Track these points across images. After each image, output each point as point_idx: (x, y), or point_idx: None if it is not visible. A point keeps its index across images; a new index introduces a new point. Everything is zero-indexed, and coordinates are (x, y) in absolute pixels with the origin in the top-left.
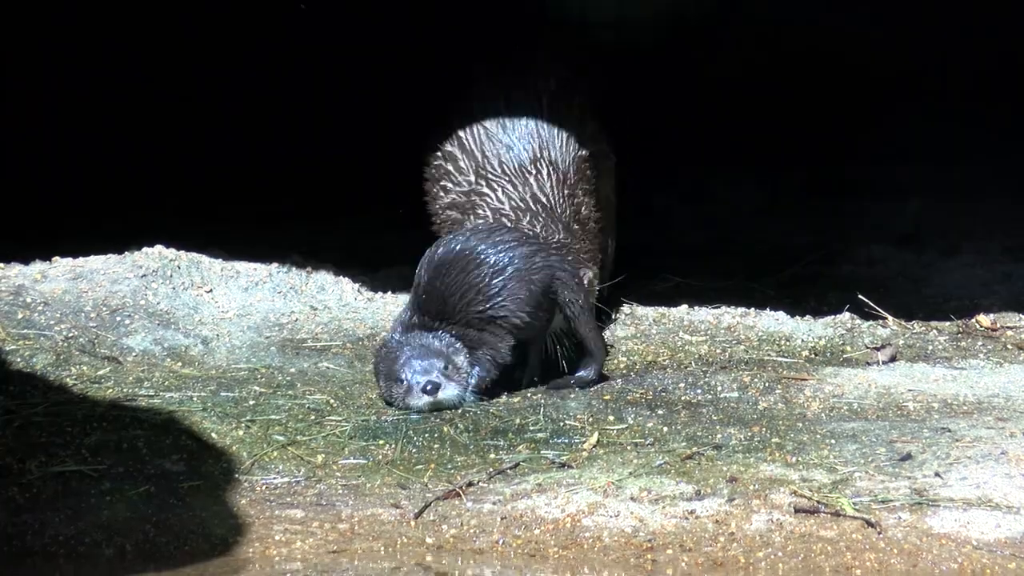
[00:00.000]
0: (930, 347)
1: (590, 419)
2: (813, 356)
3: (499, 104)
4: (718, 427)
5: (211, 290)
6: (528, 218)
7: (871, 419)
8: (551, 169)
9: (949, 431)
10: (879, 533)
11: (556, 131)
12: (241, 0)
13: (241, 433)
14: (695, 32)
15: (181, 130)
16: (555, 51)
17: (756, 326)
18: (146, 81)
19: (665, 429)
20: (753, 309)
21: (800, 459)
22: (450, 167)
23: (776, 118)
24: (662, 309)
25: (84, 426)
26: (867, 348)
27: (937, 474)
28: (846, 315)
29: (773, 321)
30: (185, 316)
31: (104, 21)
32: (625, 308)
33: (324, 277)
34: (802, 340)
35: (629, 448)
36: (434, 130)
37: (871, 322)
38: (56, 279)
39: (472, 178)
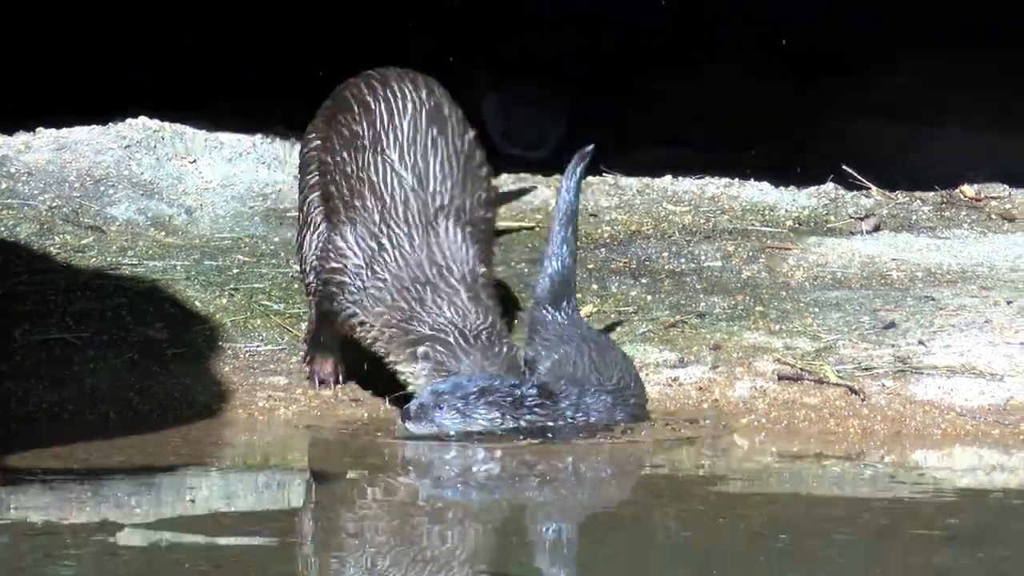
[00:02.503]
0: (914, 217)
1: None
2: (797, 226)
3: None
4: (701, 296)
5: (195, 160)
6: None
7: (855, 288)
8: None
9: (933, 300)
10: (863, 400)
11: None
12: None
13: (224, 301)
14: None
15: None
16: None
17: (740, 196)
18: None
19: (649, 298)
20: (737, 179)
21: (784, 327)
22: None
23: None
24: (646, 179)
25: (68, 294)
26: (851, 218)
27: (921, 342)
28: (830, 185)
29: (757, 191)
30: (169, 186)
31: None
32: (609, 178)
33: None
34: (786, 210)
35: (613, 316)
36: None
37: (855, 192)
38: (40, 150)
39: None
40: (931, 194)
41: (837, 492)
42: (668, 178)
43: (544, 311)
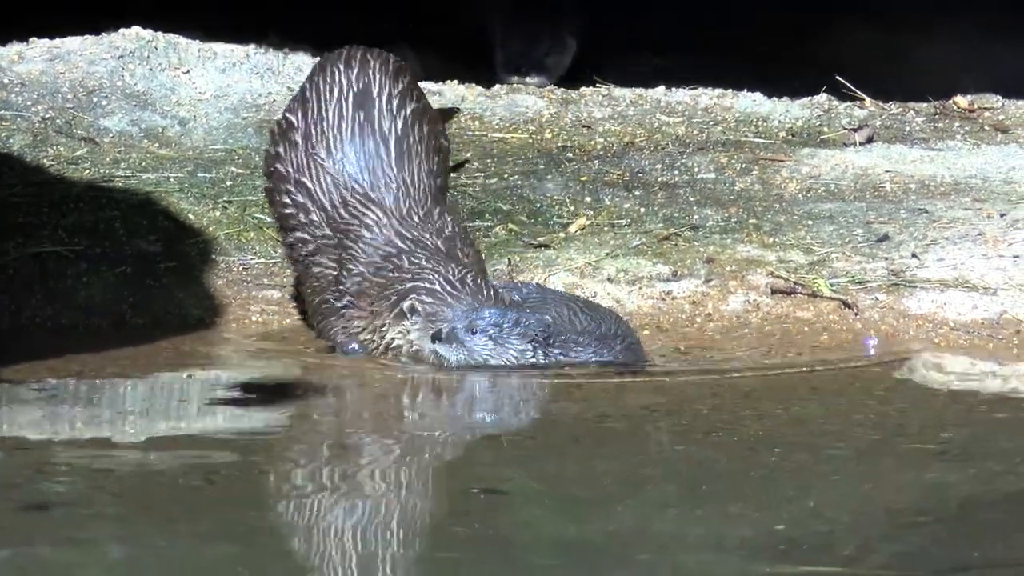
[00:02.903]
0: (907, 128)
1: (568, 200)
2: (790, 137)
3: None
4: (695, 208)
5: (188, 71)
6: None
7: (848, 200)
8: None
9: (926, 212)
10: (856, 314)
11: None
12: None
13: (218, 214)
14: None
15: None
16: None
17: (733, 107)
18: None
19: (642, 210)
20: (730, 90)
21: (777, 240)
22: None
23: None
24: (639, 90)
25: (61, 207)
26: (844, 129)
27: (914, 255)
28: (823, 96)
29: (750, 102)
30: (162, 97)
31: None
32: (602, 89)
33: (301, 58)
34: (779, 121)
35: (606, 229)
36: None
37: (848, 103)
38: (33, 60)
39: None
40: (924, 105)
41: (829, 407)
42: (661, 89)
43: (513, 293)
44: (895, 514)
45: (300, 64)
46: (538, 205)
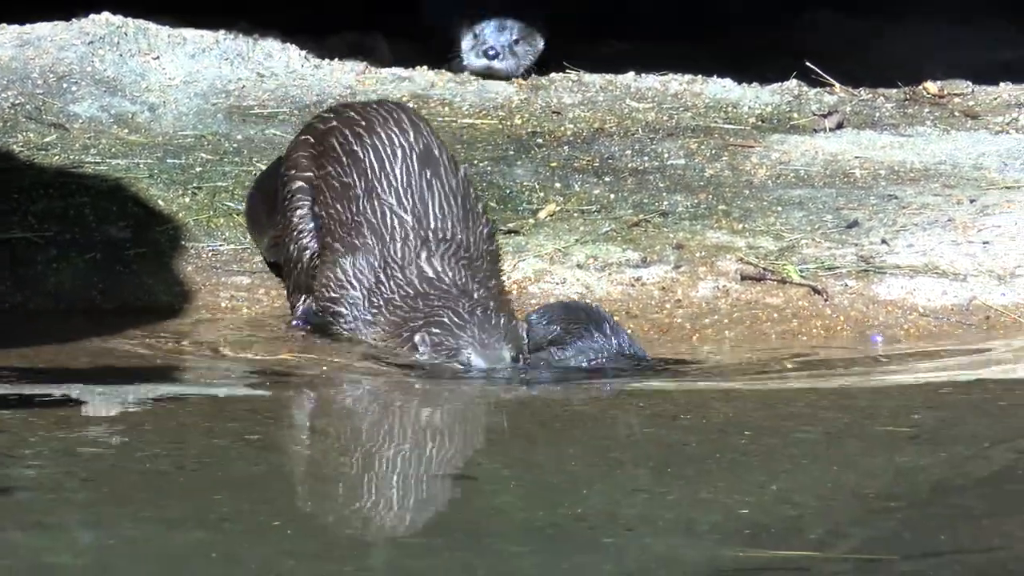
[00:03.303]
0: (877, 114)
1: (537, 186)
2: (760, 123)
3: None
4: (665, 194)
5: (158, 57)
6: None
7: (818, 186)
8: None
9: (896, 198)
10: (825, 300)
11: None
12: None
13: (188, 200)
14: None
15: None
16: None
17: (703, 93)
18: None
19: (612, 196)
20: (700, 76)
21: (747, 226)
22: None
23: None
24: (609, 76)
25: (30, 193)
26: (814, 115)
27: (884, 241)
28: (793, 82)
29: (720, 88)
30: (132, 83)
31: None
32: (572, 75)
33: (271, 44)
34: (749, 107)
35: (576, 215)
36: None
37: (818, 89)
38: (2, 46)
39: None
40: (894, 91)
41: (799, 391)
42: (631, 74)
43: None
44: (865, 499)
45: (270, 50)
46: (508, 191)
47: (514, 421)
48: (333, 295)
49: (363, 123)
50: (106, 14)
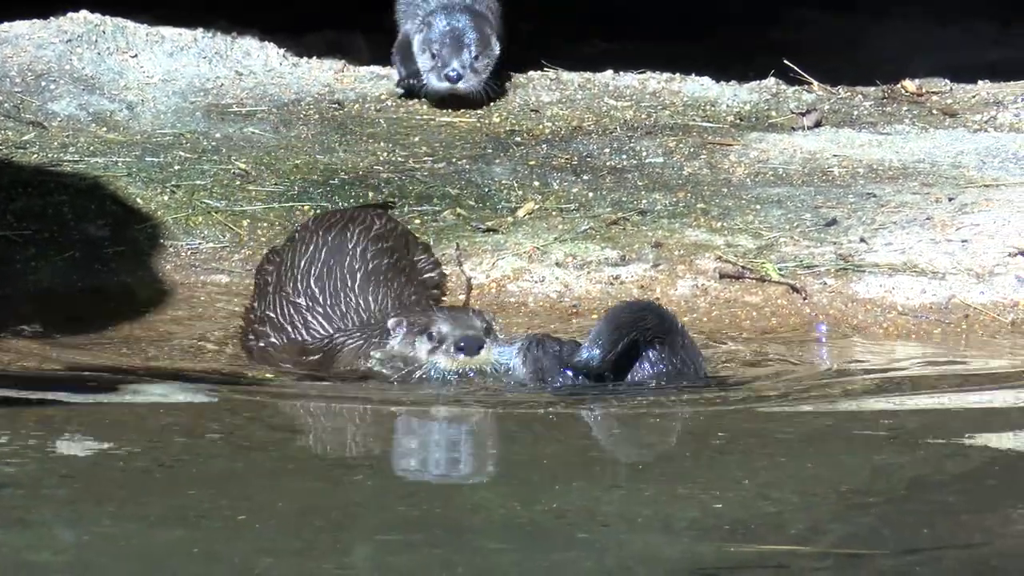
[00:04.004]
0: (856, 112)
1: (516, 185)
2: (738, 121)
3: None
4: (643, 192)
5: (136, 55)
6: None
7: (796, 184)
8: None
9: (874, 196)
10: (804, 298)
11: None
12: None
13: (166, 198)
14: None
15: None
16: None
17: (681, 91)
18: None
19: (590, 195)
20: (679, 74)
21: (725, 224)
22: None
23: None
24: (587, 74)
25: (9, 191)
26: (793, 113)
27: (862, 239)
28: (771, 80)
29: (699, 86)
30: (110, 81)
31: None
32: (550, 73)
33: (249, 42)
34: (727, 105)
35: (554, 214)
36: None
37: (797, 87)
38: None
39: None
40: (873, 89)
41: (778, 393)
42: (609, 73)
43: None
44: (844, 495)
45: (248, 48)
46: (486, 189)
47: (494, 421)
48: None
49: (302, 225)
50: (84, 12)
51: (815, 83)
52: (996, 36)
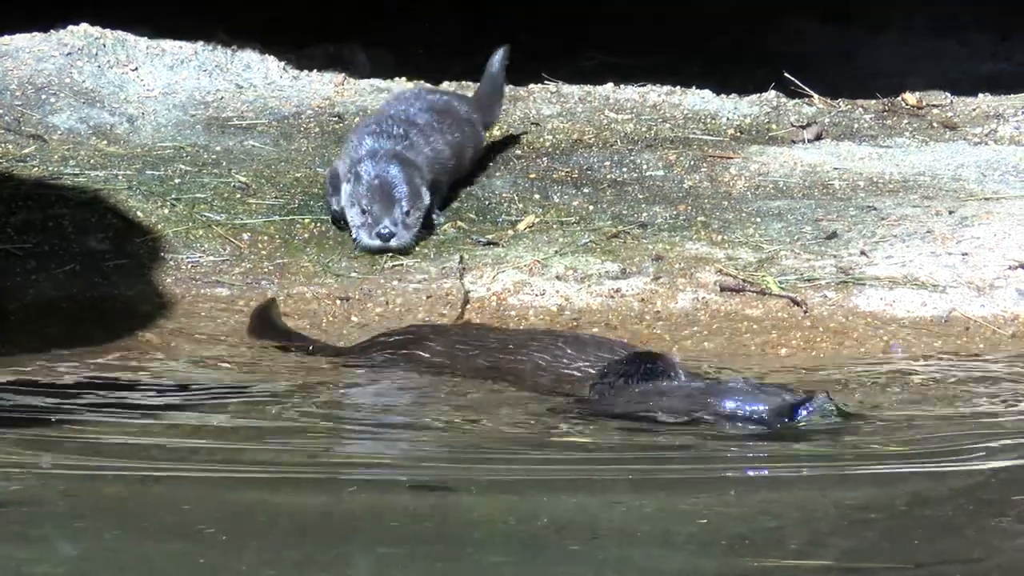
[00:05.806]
0: (856, 125)
1: (516, 198)
2: (739, 134)
3: None
4: (644, 205)
5: (136, 68)
6: None
7: (797, 197)
8: None
9: (875, 209)
10: (805, 312)
11: None
12: None
13: (167, 211)
14: None
15: None
16: None
17: (682, 104)
18: None
19: (591, 208)
20: (679, 87)
21: (725, 237)
22: None
23: None
24: (587, 87)
25: (9, 204)
26: (793, 126)
27: (863, 252)
28: (772, 93)
29: (699, 99)
30: (111, 94)
31: None
32: (551, 86)
33: (250, 55)
34: (727, 118)
35: (555, 227)
36: None
37: (797, 100)
38: None
39: None
40: (873, 102)
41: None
42: (610, 86)
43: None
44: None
45: (248, 61)
46: (487, 202)
47: (492, 432)
48: None
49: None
50: (84, 25)
51: (815, 96)
52: (995, 49)
